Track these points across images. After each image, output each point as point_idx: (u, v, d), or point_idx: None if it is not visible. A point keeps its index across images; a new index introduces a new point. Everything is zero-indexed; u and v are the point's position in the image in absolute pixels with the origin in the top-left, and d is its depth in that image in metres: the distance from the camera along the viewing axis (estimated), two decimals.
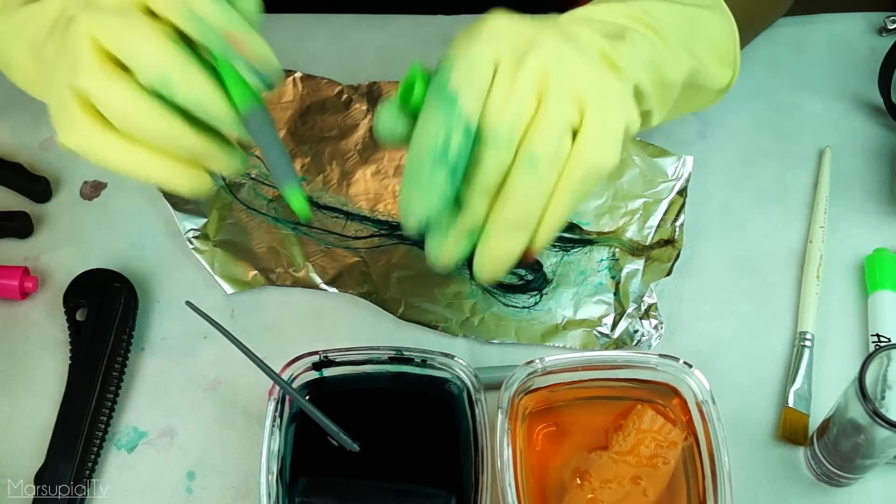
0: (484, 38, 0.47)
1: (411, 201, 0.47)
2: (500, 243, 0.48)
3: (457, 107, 0.46)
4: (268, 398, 0.55)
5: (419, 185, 0.47)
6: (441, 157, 0.46)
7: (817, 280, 0.64)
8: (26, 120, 0.71)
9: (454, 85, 0.46)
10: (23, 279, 0.63)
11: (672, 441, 0.56)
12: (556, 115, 0.47)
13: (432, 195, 0.46)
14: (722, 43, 0.60)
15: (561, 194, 0.48)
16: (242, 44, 0.47)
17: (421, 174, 0.46)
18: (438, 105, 0.46)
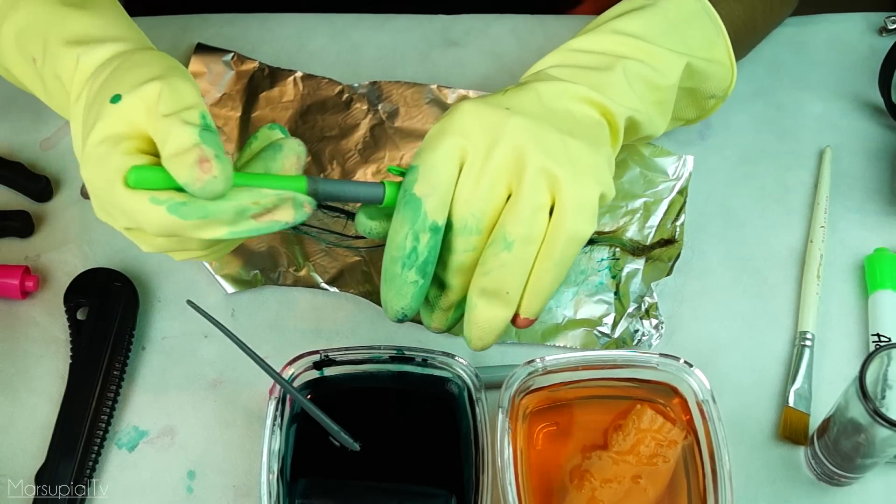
0: (448, 141, 0.51)
1: (388, 299, 0.52)
2: (483, 314, 0.52)
3: (422, 210, 0.50)
4: (268, 397, 0.55)
5: (393, 285, 0.51)
6: (409, 258, 0.51)
7: (818, 280, 0.64)
8: (27, 120, 0.71)
9: (419, 191, 0.50)
10: (23, 278, 0.63)
11: (672, 440, 0.56)
12: (528, 199, 0.50)
13: (405, 293, 0.51)
14: (713, 41, 0.61)
15: (543, 266, 0.51)
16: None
17: (394, 275, 0.51)
18: (405, 210, 0.50)
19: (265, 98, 0.71)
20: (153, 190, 0.46)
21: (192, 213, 0.46)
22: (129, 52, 0.52)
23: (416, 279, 0.51)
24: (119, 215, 0.48)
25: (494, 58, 0.75)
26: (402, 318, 0.52)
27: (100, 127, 0.48)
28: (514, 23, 0.77)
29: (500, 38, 0.76)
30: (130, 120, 0.48)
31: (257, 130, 0.52)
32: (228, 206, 0.47)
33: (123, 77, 0.49)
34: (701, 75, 0.61)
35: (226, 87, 0.71)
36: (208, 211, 0.46)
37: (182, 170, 0.45)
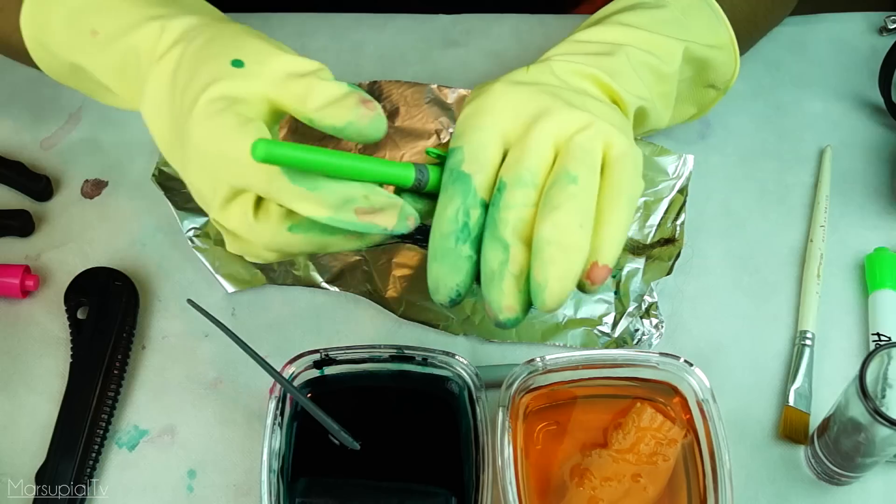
0: (487, 120, 0.51)
1: (441, 276, 0.49)
2: (558, 254, 0.47)
3: (472, 186, 0.49)
4: (269, 396, 0.55)
5: (447, 260, 0.49)
6: (462, 232, 0.49)
7: (818, 279, 0.64)
8: (27, 119, 0.71)
9: (467, 169, 0.49)
10: (24, 278, 0.63)
11: (672, 438, 0.56)
12: (581, 141, 0.49)
13: (460, 267, 0.49)
14: (715, 29, 0.61)
15: (612, 202, 0.49)
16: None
17: (447, 250, 0.49)
18: (455, 187, 0.49)
19: None
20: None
21: (304, 180, 0.45)
22: (215, 21, 0.53)
23: (471, 253, 0.49)
24: (226, 170, 0.47)
25: (495, 58, 0.75)
26: (456, 298, 0.49)
27: (223, 85, 0.48)
28: (514, 23, 0.77)
29: (501, 37, 0.76)
30: (256, 87, 0.48)
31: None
32: (339, 188, 0.46)
33: (233, 44, 0.50)
34: (702, 63, 0.61)
35: None
36: (319, 184, 0.46)
37: (346, 111, 0.47)
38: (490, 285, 0.48)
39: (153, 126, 0.52)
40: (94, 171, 0.69)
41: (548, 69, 0.54)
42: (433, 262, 0.49)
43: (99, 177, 0.69)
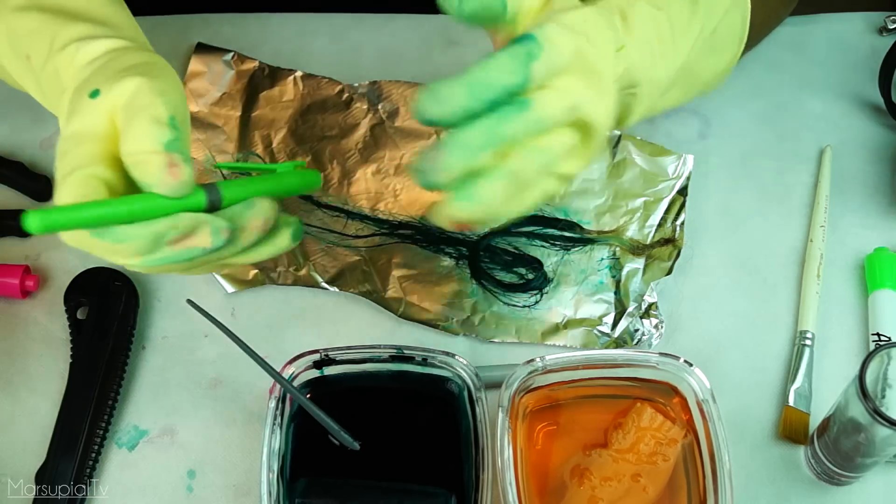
0: (569, 32, 0.47)
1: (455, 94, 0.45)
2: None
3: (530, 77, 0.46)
4: (268, 396, 0.55)
5: (471, 89, 0.45)
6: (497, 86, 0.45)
7: (818, 279, 0.64)
8: (26, 119, 0.71)
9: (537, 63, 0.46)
10: (24, 278, 0.63)
11: (671, 438, 0.56)
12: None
13: (475, 98, 0.45)
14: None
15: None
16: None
17: (478, 83, 0.45)
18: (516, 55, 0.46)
19: (265, 97, 0.71)
20: (66, 224, 0.43)
21: (108, 235, 0.44)
22: (122, 49, 0.51)
23: (488, 100, 0.45)
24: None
25: None
26: (451, 120, 0.45)
27: (73, 121, 0.47)
28: None
29: None
30: (104, 117, 0.46)
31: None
32: (144, 231, 0.44)
33: (107, 73, 0.48)
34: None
35: (226, 86, 0.72)
36: (125, 235, 0.44)
37: (153, 170, 0.44)
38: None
39: None
40: None
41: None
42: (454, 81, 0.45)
43: None
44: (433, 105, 0.44)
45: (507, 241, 0.65)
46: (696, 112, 0.72)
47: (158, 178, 0.45)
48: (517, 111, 0.46)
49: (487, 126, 0.45)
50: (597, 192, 0.68)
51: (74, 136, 0.47)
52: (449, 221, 0.47)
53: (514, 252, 0.65)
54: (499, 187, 0.46)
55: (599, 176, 0.68)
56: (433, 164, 0.45)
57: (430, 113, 0.45)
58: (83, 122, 0.47)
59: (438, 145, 0.45)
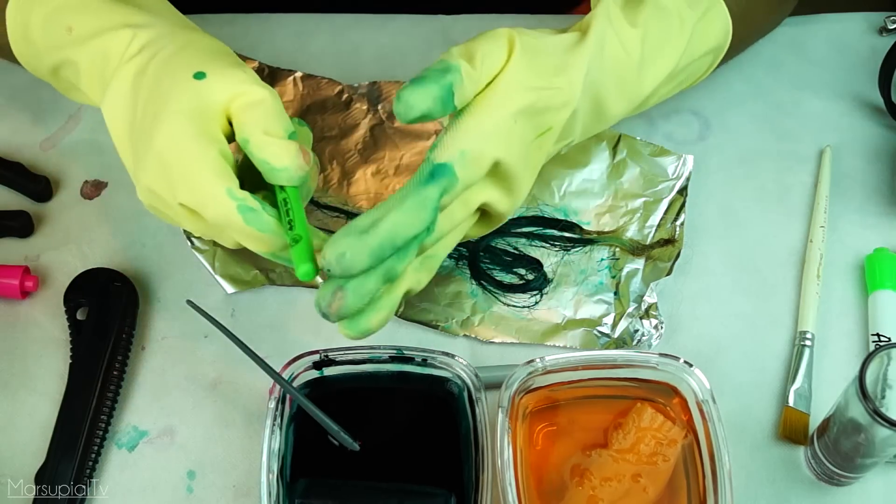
0: (492, 145, 0.51)
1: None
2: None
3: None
4: (268, 397, 0.55)
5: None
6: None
7: (817, 279, 0.64)
8: (27, 120, 0.71)
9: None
10: (23, 278, 0.63)
11: (672, 439, 0.56)
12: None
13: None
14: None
15: None
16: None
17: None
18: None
19: None
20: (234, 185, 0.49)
21: (256, 222, 0.49)
22: (184, 30, 0.55)
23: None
24: (185, 188, 0.50)
25: None
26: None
27: (186, 98, 0.50)
28: (513, 23, 0.76)
29: None
30: (216, 98, 0.50)
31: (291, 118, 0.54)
32: (283, 234, 0.49)
33: (199, 57, 0.52)
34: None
35: None
36: (271, 228, 0.49)
37: (287, 154, 0.49)
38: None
39: (112, 124, 0.54)
40: (93, 171, 0.69)
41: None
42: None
43: (99, 177, 0.69)
44: (338, 269, 0.48)
45: (507, 242, 0.65)
46: (696, 113, 0.72)
47: (295, 161, 0.50)
48: (418, 242, 0.50)
49: (385, 272, 0.49)
50: (597, 192, 0.67)
51: (196, 113, 0.50)
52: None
53: (513, 252, 0.65)
54: (384, 317, 0.51)
55: (599, 176, 0.68)
56: (333, 310, 0.49)
57: (335, 273, 0.48)
58: (196, 100, 0.50)
59: (338, 292, 0.49)
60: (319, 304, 0.49)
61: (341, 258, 0.47)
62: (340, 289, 0.48)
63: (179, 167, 0.49)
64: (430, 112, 0.49)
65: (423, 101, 0.48)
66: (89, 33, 0.54)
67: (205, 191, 0.49)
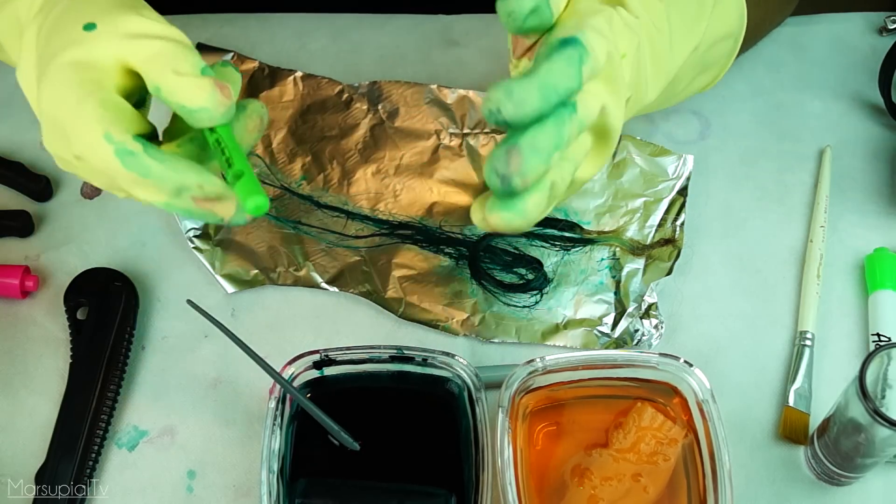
0: (602, 37, 0.48)
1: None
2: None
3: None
4: (268, 397, 0.55)
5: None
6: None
7: (817, 279, 0.64)
8: (27, 119, 0.71)
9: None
10: (23, 278, 0.63)
11: (672, 438, 0.56)
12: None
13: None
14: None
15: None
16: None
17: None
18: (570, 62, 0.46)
19: (265, 98, 0.71)
20: (113, 126, 0.45)
21: (136, 166, 0.45)
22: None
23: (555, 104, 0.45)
24: (69, 141, 0.47)
25: (494, 57, 0.75)
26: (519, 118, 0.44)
27: (72, 51, 0.47)
28: None
29: (500, 37, 0.75)
30: (105, 48, 0.47)
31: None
32: (173, 176, 0.45)
33: (92, 7, 0.48)
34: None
35: None
36: (151, 172, 0.45)
37: (202, 93, 0.45)
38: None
39: (25, 91, 0.51)
40: None
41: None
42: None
43: None
44: (510, 105, 0.44)
45: (507, 242, 0.65)
46: (696, 112, 0.72)
47: (212, 98, 0.45)
48: (570, 114, 0.46)
49: (554, 129, 0.45)
50: (597, 192, 0.67)
51: (80, 65, 0.47)
52: (486, 226, 0.47)
53: (514, 252, 0.65)
54: (542, 200, 0.47)
55: (599, 176, 0.68)
56: (513, 170, 0.44)
57: (508, 113, 0.44)
58: (83, 52, 0.47)
59: (513, 149, 0.44)
60: (495, 169, 0.44)
61: (510, 92, 0.43)
62: (514, 146, 0.44)
63: (61, 118, 0.46)
64: (539, 3, 0.46)
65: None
66: (1, 2, 0.52)
67: (83, 137, 0.45)
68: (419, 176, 0.68)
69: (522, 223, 0.47)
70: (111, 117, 0.46)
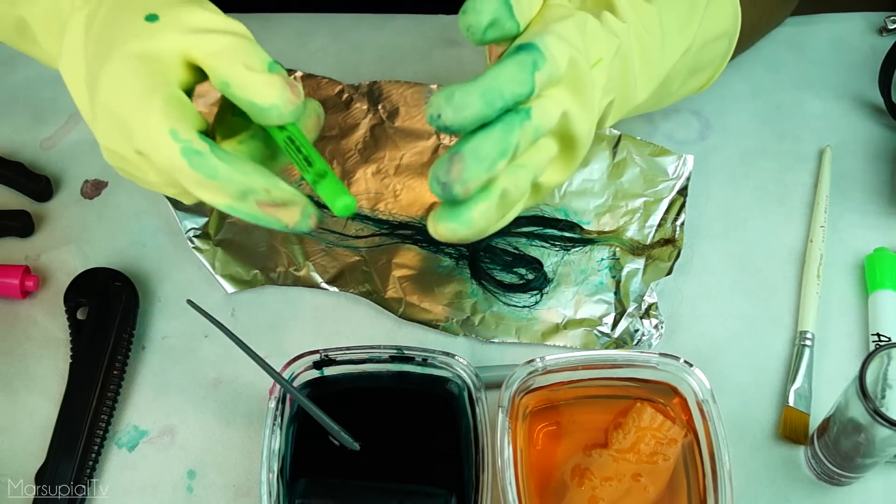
0: (564, 43, 0.47)
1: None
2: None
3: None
4: (269, 397, 0.55)
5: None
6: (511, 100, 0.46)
7: (818, 279, 0.64)
8: (27, 120, 0.71)
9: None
10: (24, 278, 0.63)
11: (672, 438, 0.56)
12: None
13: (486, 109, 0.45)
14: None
15: None
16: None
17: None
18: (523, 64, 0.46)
19: None
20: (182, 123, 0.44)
21: (202, 167, 0.44)
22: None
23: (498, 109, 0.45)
24: (131, 136, 0.46)
25: None
26: (463, 125, 0.44)
27: (135, 43, 0.46)
28: None
29: None
30: (169, 41, 0.46)
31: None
32: (239, 178, 0.45)
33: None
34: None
35: None
36: (217, 173, 0.44)
37: (273, 90, 0.45)
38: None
39: (69, 81, 0.50)
40: (93, 171, 0.69)
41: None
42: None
43: (99, 177, 0.69)
44: (449, 111, 0.44)
45: (507, 242, 0.65)
46: (696, 112, 0.72)
47: (283, 96, 0.45)
48: (521, 120, 0.46)
49: (500, 136, 0.45)
50: (597, 192, 0.68)
51: (146, 58, 0.46)
52: (437, 235, 0.47)
53: (514, 252, 0.65)
54: (491, 210, 0.46)
55: (599, 176, 0.68)
56: (454, 177, 0.44)
57: (447, 119, 0.44)
58: (147, 44, 0.46)
59: (455, 156, 0.44)
60: (437, 177, 0.44)
61: (450, 98, 0.43)
62: (456, 153, 0.44)
63: (124, 114, 0.45)
64: (497, 16, 0.46)
65: (489, 4, 0.46)
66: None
67: (148, 133, 0.44)
68: (419, 176, 0.68)
69: (468, 233, 0.46)
70: (177, 114, 0.45)
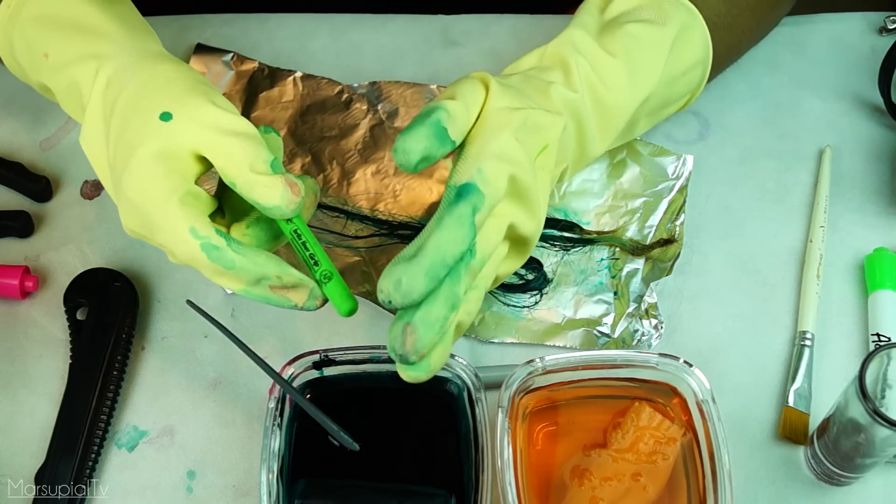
0: (503, 163, 0.50)
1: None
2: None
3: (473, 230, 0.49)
4: (268, 397, 0.55)
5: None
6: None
7: (817, 279, 0.64)
8: (27, 120, 0.71)
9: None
10: (23, 278, 0.63)
11: (671, 437, 0.56)
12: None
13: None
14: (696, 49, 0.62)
15: None
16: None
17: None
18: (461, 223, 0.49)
19: (265, 98, 0.71)
20: (199, 219, 0.49)
21: (220, 259, 0.49)
22: (148, 61, 0.54)
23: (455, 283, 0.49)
24: (153, 232, 0.50)
25: (494, 58, 0.75)
26: (405, 302, 0.47)
27: (151, 143, 0.50)
28: (514, 23, 0.77)
29: (500, 38, 0.76)
30: (184, 140, 0.50)
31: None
32: (254, 269, 0.50)
33: (164, 93, 0.51)
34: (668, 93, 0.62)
35: (225, 87, 0.72)
36: (234, 264, 0.49)
37: (275, 192, 0.49)
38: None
39: (93, 161, 0.55)
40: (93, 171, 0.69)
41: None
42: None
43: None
44: (398, 296, 0.47)
45: None
46: (695, 112, 0.72)
47: (284, 197, 0.49)
48: (466, 265, 0.49)
49: (447, 294, 0.48)
50: (596, 192, 0.67)
51: (162, 156, 0.50)
52: (406, 380, 0.50)
53: None
54: (447, 348, 0.50)
55: (599, 176, 0.68)
56: (409, 349, 0.48)
57: (397, 303, 0.47)
58: (163, 143, 0.50)
59: (407, 328, 0.48)
60: (394, 348, 0.48)
61: (398, 285, 0.46)
62: (408, 324, 0.48)
63: (147, 212, 0.50)
64: (429, 151, 0.49)
65: (418, 142, 0.49)
66: (61, 63, 0.55)
67: (170, 233, 0.49)
68: (419, 176, 0.68)
69: (429, 375, 0.50)
70: (196, 212, 0.49)
